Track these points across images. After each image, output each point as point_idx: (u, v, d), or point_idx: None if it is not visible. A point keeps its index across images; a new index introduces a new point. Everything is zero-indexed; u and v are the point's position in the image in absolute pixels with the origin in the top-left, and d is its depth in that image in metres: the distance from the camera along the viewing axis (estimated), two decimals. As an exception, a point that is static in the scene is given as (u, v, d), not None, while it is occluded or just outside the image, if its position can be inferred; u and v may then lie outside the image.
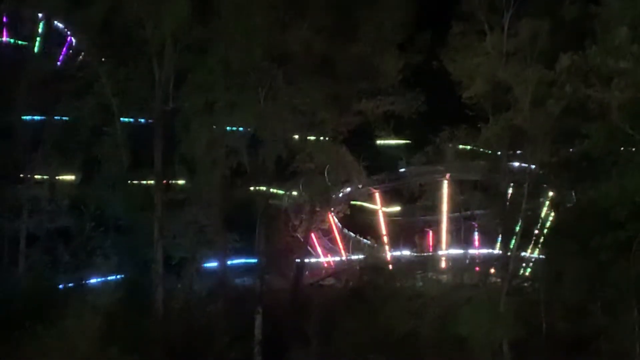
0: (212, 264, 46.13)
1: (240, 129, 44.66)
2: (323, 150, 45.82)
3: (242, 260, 47.85)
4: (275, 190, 47.45)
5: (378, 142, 50.94)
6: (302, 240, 49.08)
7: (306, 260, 49.44)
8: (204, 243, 44.88)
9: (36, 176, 46.47)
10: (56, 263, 45.78)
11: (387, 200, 53.79)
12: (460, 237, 51.20)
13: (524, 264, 49.22)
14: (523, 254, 47.37)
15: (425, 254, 52.01)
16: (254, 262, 45.63)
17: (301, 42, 41.42)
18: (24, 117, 46.25)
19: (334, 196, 49.15)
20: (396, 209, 54.03)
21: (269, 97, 42.88)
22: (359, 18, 44.54)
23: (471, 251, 51.04)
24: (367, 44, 44.64)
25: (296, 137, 45.37)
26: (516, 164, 45.67)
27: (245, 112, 42.86)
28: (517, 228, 43.43)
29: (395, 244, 52.77)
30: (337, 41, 43.08)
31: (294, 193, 48.37)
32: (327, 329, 41.98)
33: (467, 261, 50.48)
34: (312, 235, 51.40)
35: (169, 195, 44.30)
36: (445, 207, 51.73)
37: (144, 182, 45.26)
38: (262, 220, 44.44)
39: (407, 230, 52.79)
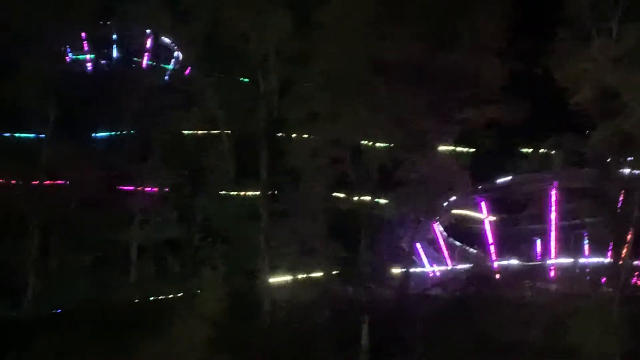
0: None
1: (343, 138, 44.78)
2: (426, 159, 45.59)
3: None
4: (379, 200, 47.40)
5: (482, 150, 50.38)
6: (406, 249, 48.88)
7: (411, 269, 49.20)
8: (308, 253, 45.13)
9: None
10: (165, 273, 46.93)
11: (493, 208, 53.15)
12: (570, 245, 50.25)
13: (636, 273, 48.02)
14: (635, 262, 46.19)
15: (533, 263, 51.26)
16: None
17: (401, 51, 41.31)
18: (133, 130, 47.46)
19: (438, 205, 48.78)
20: (502, 217, 53.35)
21: (371, 107, 42.91)
22: (460, 25, 44.20)
23: (581, 260, 50.03)
24: (468, 51, 44.28)
25: (399, 146, 45.22)
26: (626, 170, 44.61)
27: (347, 121, 42.97)
28: (629, 236, 42.38)
29: (502, 252, 52.11)
30: (437, 49, 42.84)
31: (398, 202, 48.15)
32: (432, 338, 41.66)
33: (577, 270, 49.52)
34: (417, 244, 51.15)
35: (275, 205, 44.77)
36: (553, 215, 50.86)
37: (250, 192, 45.85)
38: (366, 230, 44.45)
39: (514, 239, 52.12)
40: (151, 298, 44.95)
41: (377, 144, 43.66)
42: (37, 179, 46.75)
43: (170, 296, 44.89)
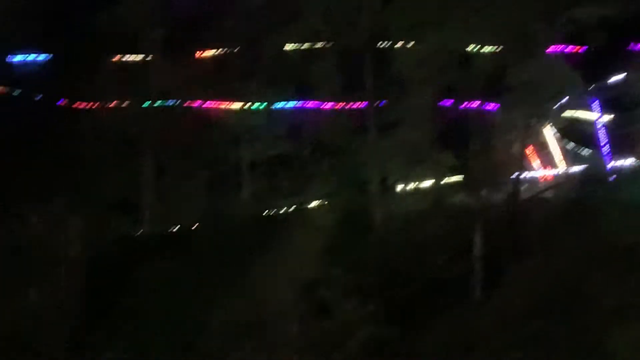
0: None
1: (450, 45, 44.10)
2: (536, 61, 44.57)
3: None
4: (488, 105, 46.74)
5: (594, 49, 48.90)
6: (517, 154, 48.27)
7: (523, 174, 48.63)
8: (418, 162, 45.07)
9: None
10: (277, 188, 47.60)
11: (606, 108, 51.81)
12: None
13: None
14: None
15: (648, 163, 50.05)
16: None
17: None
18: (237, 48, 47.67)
19: (549, 108, 47.86)
20: (616, 116, 52.00)
21: (478, 10, 41.94)
22: None
23: (702, 156, 48.62)
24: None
25: (508, 50, 44.29)
26: None
27: (454, 27, 42.19)
28: None
29: (616, 153, 50.97)
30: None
31: (507, 107, 47.41)
32: (546, 243, 41.31)
33: (696, 168, 48.19)
34: (528, 148, 50.44)
35: (381, 116, 44.66)
36: (669, 112, 49.33)
37: (357, 104, 45.81)
38: (476, 136, 44.01)
39: (628, 139, 50.84)
40: (264, 213, 45.77)
41: (485, 49, 42.79)
42: (147, 100, 47.76)
43: (282, 211, 45.64)
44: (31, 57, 50.04)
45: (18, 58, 50.07)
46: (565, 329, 36.90)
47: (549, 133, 52.09)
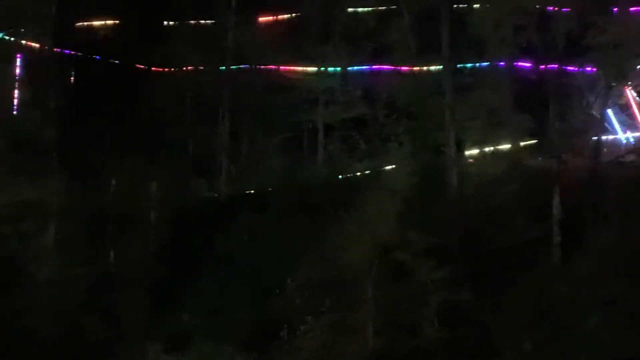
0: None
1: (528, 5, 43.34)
2: (617, 21, 43.54)
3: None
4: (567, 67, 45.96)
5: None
6: (598, 117, 47.44)
7: (603, 137, 47.80)
8: (495, 125, 44.59)
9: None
10: (352, 151, 47.70)
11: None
12: None
13: None
14: None
15: None
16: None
17: None
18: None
19: (631, 69, 46.80)
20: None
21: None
22: None
23: None
24: None
25: (588, 9, 43.35)
26: None
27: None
28: None
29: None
30: None
31: (588, 69, 46.57)
32: (627, 207, 40.55)
33: None
34: (609, 111, 49.53)
35: (458, 79, 44.24)
36: None
37: (433, 67, 45.51)
38: (555, 98, 43.34)
39: None
40: (340, 176, 45.91)
41: (564, 8, 41.96)
42: (223, 64, 48.13)
43: (358, 173, 45.70)
44: (110, 22, 51.07)
45: (98, 24, 51.10)
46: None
47: (631, 95, 51.10)
